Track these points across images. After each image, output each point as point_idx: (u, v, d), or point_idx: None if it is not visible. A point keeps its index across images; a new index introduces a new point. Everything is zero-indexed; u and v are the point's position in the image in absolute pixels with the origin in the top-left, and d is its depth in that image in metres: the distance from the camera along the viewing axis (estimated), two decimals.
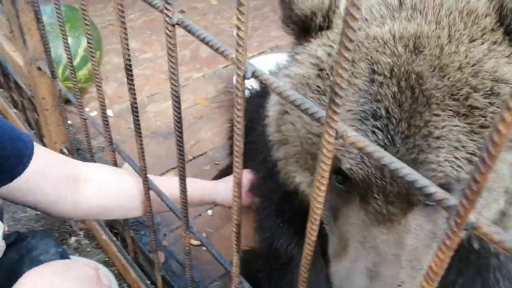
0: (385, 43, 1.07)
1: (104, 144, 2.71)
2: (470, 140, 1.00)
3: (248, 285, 1.34)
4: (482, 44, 1.04)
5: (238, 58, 0.85)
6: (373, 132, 1.03)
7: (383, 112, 1.02)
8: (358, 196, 1.10)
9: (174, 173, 2.56)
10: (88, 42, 1.51)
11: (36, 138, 2.76)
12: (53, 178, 1.56)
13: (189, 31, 1.00)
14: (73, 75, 1.76)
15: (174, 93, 1.11)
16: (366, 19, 1.14)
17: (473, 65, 1.01)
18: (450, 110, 1.01)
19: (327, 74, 1.14)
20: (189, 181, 1.88)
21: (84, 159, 2.61)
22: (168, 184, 1.68)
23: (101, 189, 1.67)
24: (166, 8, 0.98)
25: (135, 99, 1.37)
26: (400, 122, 1.01)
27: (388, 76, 1.03)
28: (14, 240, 1.66)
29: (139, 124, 1.42)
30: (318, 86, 1.15)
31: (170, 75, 1.09)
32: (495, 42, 1.04)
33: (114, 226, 2.37)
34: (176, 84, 1.10)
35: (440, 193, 0.62)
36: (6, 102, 2.91)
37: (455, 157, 1.00)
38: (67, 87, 2.14)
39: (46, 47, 1.94)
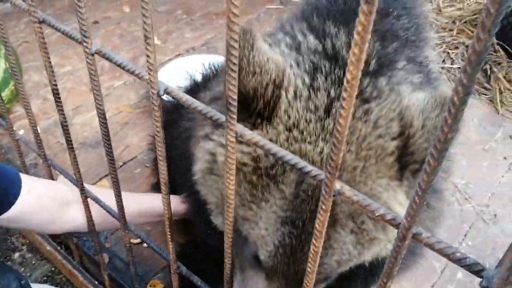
0: (313, 164, 1.21)
1: (36, 160, 2.80)
2: (354, 249, 1.27)
3: (185, 269, 1.52)
4: (383, 178, 1.23)
5: (150, 79, 1.03)
6: (289, 236, 1.25)
7: (300, 224, 1.23)
8: (265, 273, 1.35)
9: (107, 180, 2.70)
10: (11, 63, 1.58)
11: None
12: (41, 208, 1.71)
13: (107, 59, 1.15)
14: None
15: (100, 110, 1.27)
16: (303, 132, 1.24)
17: (373, 197, 1.21)
18: (348, 229, 1.24)
19: (260, 175, 1.25)
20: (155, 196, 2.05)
21: None
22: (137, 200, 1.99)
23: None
24: (84, 41, 1.14)
25: (64, 115, 1.51)
26: (310, 235, 1.18)
27: (310, 195, 1.22)
28: None
29: (70, 138, 1.56)
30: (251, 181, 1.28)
31: (94, 96, 1.24)
32: (390, 178, 1.24)
33: (56, 236, 2.49)
34: (101, 104, 1.26)
35: (314, 171, 0.83)
36: None
37: (341, 260, 1.28)
38: None
39: None
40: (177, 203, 2.09)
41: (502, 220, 2.79)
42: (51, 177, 1.93)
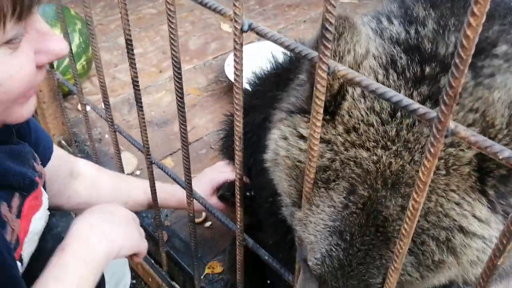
0: (368, 173, 1.08)
1: (101, 135, 2.78)
2: (416, 271, 1.10)
3: (252, 241, 1.42)
4: (454, 192, 1.05)
5: (235, 12, 0.94)
6: (336, 248, 1.11)
7: (348, 237, 1.09)
8: (317, 281, 1.21)
9: (171, 159, 2.65)
10: (90, 29, 1.57)
11: None
12: (59, 174, 1.69)
13: None
14: (72, 62, 1.83)
15: (176, 69, 1.19)
16: (361, 136, 1.10)
17: (437, 214, 1.04)
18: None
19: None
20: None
21: (81, 151, 2.69)
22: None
23: (92, 188, 1.83)
24: None
25: (136, 72, 1.45)
26: (359, 252, 1.09)
27: (360, 207, 1.08)
28: None
29: (140, 97, 1.50)
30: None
31: (171, 52, 1.17)
32: (466, 191, 1.05)
33: None
34: (177, 58, 1.18)
35: (422, 108, 0.71)
36: None
37: (400, 281, 1.10)
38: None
39: None
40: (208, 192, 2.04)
41: None
42: (117, 145, 1.88)
